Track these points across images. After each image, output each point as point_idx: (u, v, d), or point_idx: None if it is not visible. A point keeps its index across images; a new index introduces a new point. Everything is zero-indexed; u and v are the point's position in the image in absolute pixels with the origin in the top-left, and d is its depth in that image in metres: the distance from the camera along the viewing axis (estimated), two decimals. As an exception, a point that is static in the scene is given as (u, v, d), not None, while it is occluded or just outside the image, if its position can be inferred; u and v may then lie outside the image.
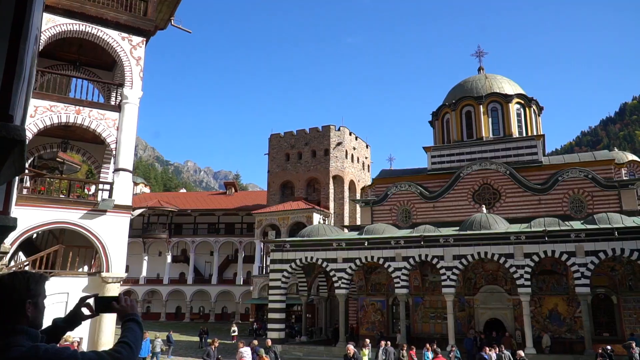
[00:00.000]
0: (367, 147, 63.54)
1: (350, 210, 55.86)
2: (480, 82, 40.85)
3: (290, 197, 55.45)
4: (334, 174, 54.41)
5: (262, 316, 46.81)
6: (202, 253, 61.94)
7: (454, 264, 28.78)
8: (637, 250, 25.43)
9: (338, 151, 55.25)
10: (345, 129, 56.81)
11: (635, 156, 45.70)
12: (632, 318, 29.28)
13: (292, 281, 40.11)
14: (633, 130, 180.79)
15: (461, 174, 35.95)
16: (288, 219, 49.66)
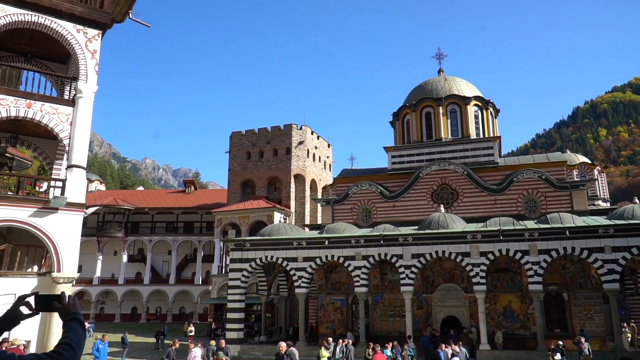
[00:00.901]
0: (328, 146, 63.71)
1: (312, 209, 55.89)
2: (440, 84, 41.57)
3: (251, 195, 55.00)
4: (295, 173, 54.31)
5: (220, 316, 46.22)
6: (160, 252, 60.65)
7: (412, 263, 29.16)
8: (587, 249, 26.41)
9: (300, 150, 55.16)
10: (307, 127, 56.78)
11: (587, 158, 47.63)
12: (581, 314, 30.42)
13: (252, 280, 39.79)
14: (585, 133, 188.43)
15: (420, 174, 36.49)
16: (249, 218, 49.23)
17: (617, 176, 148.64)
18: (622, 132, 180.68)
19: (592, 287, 30.38)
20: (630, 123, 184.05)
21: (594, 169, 45.40)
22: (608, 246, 26.14)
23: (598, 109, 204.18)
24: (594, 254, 26.23)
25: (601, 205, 41.11)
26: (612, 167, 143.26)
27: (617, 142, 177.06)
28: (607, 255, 26.05)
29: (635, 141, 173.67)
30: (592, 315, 30.25)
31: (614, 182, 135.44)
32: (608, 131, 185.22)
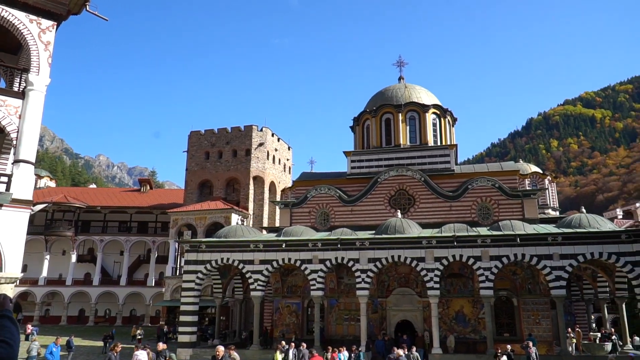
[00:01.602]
0: (289, 149, 63.54)
1: (270, 212, 55.55)
2: (400, 91, 42.13)
3: (208, 196, 54.17)
4: (254, 175, 53.87)
5: (173, 319, 45.21)
6: (112, 253, 58.91)
7: (369, 267, 29.37)
8: (536, 256, 27.28)
9: (260, 152, 54.76)
10: (268, 129, 56.46)
11: (538, 168, 49.23)
12: (530, 319, 31.41)
13: (207, 283, 39.14)
14: (537, 144, 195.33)
15: (379, 179, 36.83)
16: (205, 219, 48.44)
17: (567, 186, 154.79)
18: (572, 144, 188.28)
19: (541, 293, 31.44)
20: (580, 135, 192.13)
21: (544, 178, 46.98)
22: (556, 253, 27.09)
23: (550, 121, 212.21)
24: (542, 261, 27.11)
25: (551, 214, 42.58)
26: (562, 177, 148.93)
27: (568, 153, 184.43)
28: (555, 262, 26.99)
29: (584, 153, 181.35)
30: (539, 320, 31.26)
31: (564, 191, 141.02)
32: (559, 142, 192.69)
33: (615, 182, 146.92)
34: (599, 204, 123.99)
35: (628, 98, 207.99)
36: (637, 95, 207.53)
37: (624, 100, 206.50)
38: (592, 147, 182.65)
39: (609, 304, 34.74)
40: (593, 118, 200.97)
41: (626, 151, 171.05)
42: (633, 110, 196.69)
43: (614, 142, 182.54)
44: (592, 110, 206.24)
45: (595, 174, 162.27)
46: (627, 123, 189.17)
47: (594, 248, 26.82)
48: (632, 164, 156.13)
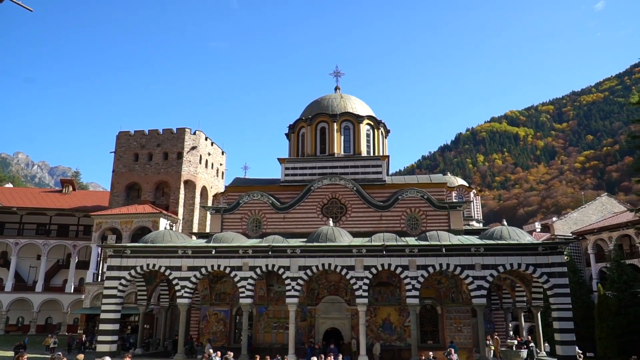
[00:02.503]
0: (222, 153, 62.52)
1: (200, 217, 54.31)
2: (336, 100, 42.59)
3: (136, 199, 52.19)
4: (185, 179, 52.51)
5: (93, 327, 42.95)
6: (27, 257, 55.26)
7: (299, 275, 29.28)
8: (460, 266, 28.27)
9: (192, 155, 53.49)
10: (201, 133, 55.31)
11: (465, 181, 51.28)
12: (452, 327, 32.54)
13: (131, 290, 37.60)
14: (465, 158, 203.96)
15: (312, 187, 36.94)
16: (131, 223, 46.55)
17: (491, 199, 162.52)
18: (497, 159, 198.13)
19: (463, 302, 32.65)
20: (505, 151, 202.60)
21: (470, 191, 48.98)
22: (478, 264, 28.20)
23: (477, 137, 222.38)
24: (465, 271, 28.14)
25: (475, 226, 44.39)
26: (486, 191, 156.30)
27: (492, 168, 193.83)
28: (477, 272, 28.08)
29: (507, 168, 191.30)
30: (461, 328, 32.45)
31: (488, 204, 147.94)
32: (485, 157, 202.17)
33: (535, 197, 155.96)
34: (519, 218, 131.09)
35: (549, 118, 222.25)
36: (557, 116, 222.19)
37: (546, 120, 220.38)
38: (515, 163, 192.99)
39: (526, 312, 36.55)
40: (517, 135, 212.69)
41: (546, 168, 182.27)
42: (553, 130, 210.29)
43: (535, 159, 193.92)
44: (516, 128, 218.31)
45: (517, 188, 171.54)
46: (547, 142, 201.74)
47: (513, 259, 28.16)
48: (551, 180, 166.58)
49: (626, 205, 63.76)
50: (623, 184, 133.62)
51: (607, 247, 56.09)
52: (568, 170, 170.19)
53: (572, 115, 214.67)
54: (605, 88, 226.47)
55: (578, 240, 60.98)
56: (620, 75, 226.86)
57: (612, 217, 61.65)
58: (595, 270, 58.08)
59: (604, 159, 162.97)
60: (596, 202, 69.51)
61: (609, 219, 61.20)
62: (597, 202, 69.35)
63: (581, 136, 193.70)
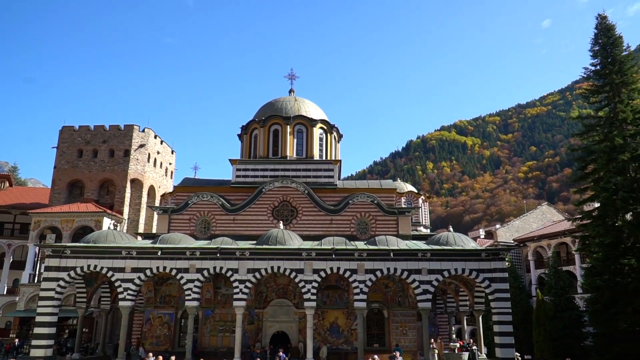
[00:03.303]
0: (172, 152, 61.18)
1: (147, 217, 52.87)
2: (290, 103, 42.53)
3: (78, 197, 50.23)
4: (132, 177, 51.01)
5: (27, 331, 40.88)
6: (-43, 255, 52.03)
7: (247, 277, 28.96)
8: (407, 270, 28.76)
9: (140, 153, 52.04)
10: (151, 130, 53.92)
11: (414, 188, 52.31)
12: (398, 330, 33.09)
13: (70, 291, 36.09)
14: (415, 165, 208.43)
15: (263, 189, 36.67)
16: (73, 222, 44.72)
17: (439, 206, 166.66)
18: (446, 167, 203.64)
19: (409, 306, 33.28)
20: (453, 159, 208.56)
21: (419, 197, 50.04)
22: (425, 268, 28.78)
23: (428, 144, 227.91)
24: (412, 275, 28.65)
25: (422, 231, 45.33)
26: (434, 198, 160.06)
27: (441, 175, 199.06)
28: (423, 276, 28.65)
29: (455, 176, 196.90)
30: (406, 332, 33.04)
31: (435, 211, 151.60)
32: (434, 165, 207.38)
33: (480, 204, 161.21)
34: (465, 224, 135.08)
35: (495, 129, 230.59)
36: (503, 127, 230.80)
37: (492, 131, 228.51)
38: (462, 171, 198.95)
39: (469, 316, 37.61)
40: (465, 145, 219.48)
41: (491, 177, 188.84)
42: (499, 140, 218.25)
43: (481, 168, 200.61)
44: (464, 138, 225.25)
45: (464, 196, 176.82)
46: (493, 151, 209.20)
47: (458, 264, 28.92)
48: (495, 189, 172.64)
49: (564, 215, 66.91)
50: (562, 194, 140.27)
51: (546, 254, 58.55)
52: (512, 180, 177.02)
53: (517, 127, 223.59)
54: (548, 102, 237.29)
55: (519, 247, 63.38)
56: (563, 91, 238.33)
57: (551, 226, 64.50)
58: (535, 276, 60.54)
59: (545, 169, 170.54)
60: (537, 210, 72.57)
61: (548, 227, 63.99)
62: (538, 210, 72.41)
63: (525, 147, 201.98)
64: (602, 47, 35.97)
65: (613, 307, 31.02)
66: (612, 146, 33.13)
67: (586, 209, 36.80)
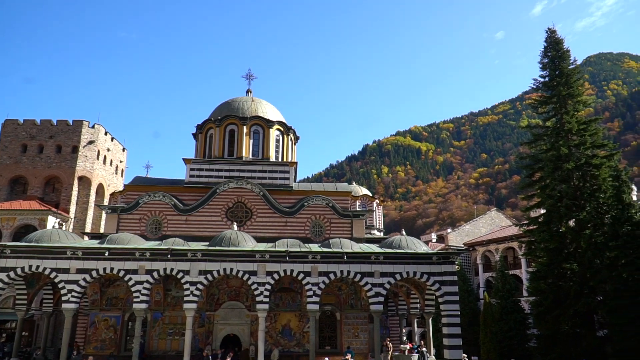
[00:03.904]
0: (123, 150, 59.43)
1: (95, 217, 51.11)
2: (247, 103, 42.11)
3: (21, 195, 48.02)
4: (80, 175, 49.21)
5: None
6: None
7: (199, 279, 28.39)
8: (360, 273, 28.94)
9: (89, 150, 50.28)
10: (101, 127, 52.20)
11: (369, 191, 52.89)
12: (350, 332, 33.26)
13: (9, 293, 34.40)
14: (370, 168, 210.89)
15: (218, 190, 36.11)
16: (14, 220, 42.65)
17: (393, 210, 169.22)
18: (400, 172, 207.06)
19: (361, 308, 33.53)
20: (407, 164, 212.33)
21: (373, 201, 50.62)
22: (377, 271, 29.04)
23: (383, 149, 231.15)
24: (365, 278, 28.86)
25: (376, 235, 45.87)
26: (389, 201, 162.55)
27: (396, 179, 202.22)
28: (375, 279, 28.90)
29: (409, 181, 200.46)
30: (358, 334, 33.26)
31: (389, 214, 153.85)
32: (389, 169, 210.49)
33: (433, 209, 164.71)
34: (418, 228, 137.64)
35: (449, 135, 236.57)
36: (456, 134, 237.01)
37: (446, 137, 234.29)
38: (416, 176, 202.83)
39: (419, 318, 38.22)
40: (419, 150, 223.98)
41: (444, 182, 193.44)
42: (452, 146, 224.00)
43: (434, 173, 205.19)
44: (419, 143, 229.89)
45: (417, 200, 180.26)
46: (446, 157, 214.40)
47: (410, 267, 29.34)
48: (448, 194, 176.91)
49: (512, 220, 69.20)
50: (511, 200, 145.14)
51: (494, 258, 60.39)
52: (463, 186, 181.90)
53: (470, 134, 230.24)
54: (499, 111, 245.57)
55: (469, 251, 65.10)
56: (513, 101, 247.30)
57: (499, 231, 66.60)
58: (483, 279, 62.32)
59: (495, 176, 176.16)
60: (486, 216, 74.82)
61: (496, 232, 66.05)
62: (487, 216, 74.66)
63: (476, 154, 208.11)
64: (551, 60, 37.45)
65: (556, 310, 32.27)
66: (558, 155, 34.51)
67: (532, 215, 38.12)
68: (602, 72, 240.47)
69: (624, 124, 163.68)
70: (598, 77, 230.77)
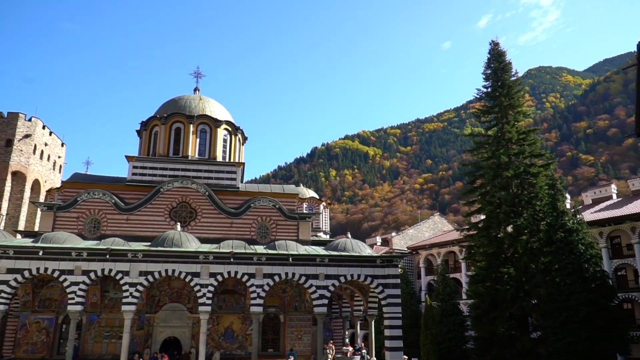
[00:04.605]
0: (62, 145, 56.95)
1: (29, 214, 48.68)
2: (194, 101, 41.29)
3: (-52, 189, 45.03)
4: (14, 170, 46.73)
5: None
6: None
7: (139, 281, 27.60)
8: (305, 275, 29.00)
9: (25, 144, 47.83)
10: (39, 120, 49.80)
11: (316, 194, 53.07)
12: (293, 335, 33.23)
13: None
14: (318, 171, 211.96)
15: (161, 189, 35.20)
16: (-61, 216, 39.98)
17: (339, 212, 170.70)
18: (348, 175, 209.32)
19: (305, 310, 33.58)
20: (355, 168, 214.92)
21: (320, 204, 50.85)
22: (322, 273, 29.19)
23: (332, 152, 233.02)
24: (310, 280, 28.94)
25: (322, 237, 46.07)
26: (336, 204, 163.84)
27: (343, 183, 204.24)
28: (320, 281, 29.04)
29: (356, 184, 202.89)
30: (302, 336, 33.27)
31: (336, 217, 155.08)
32: (337, 172, 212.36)
33: (378, 213, 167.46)
34: (364, 231, 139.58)
35: (396, 141, 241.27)
36: (403, 140, 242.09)
37: (393, 143, 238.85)
38: (363, 180, 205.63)
39: (362, 321, 38.70)
40: (367, 154, 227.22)
41: (390, 187, 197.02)
42: (399, 152, 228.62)
43: (381, 177, 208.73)
44: (367, 147, 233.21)
45: (364, 204, 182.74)
46: (393, 162, 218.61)
47: (354, 270, 29.67)
48: (393, 198, 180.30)
49: (454, 225, 71.41)
50: (453, 206, 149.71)
51: (436, 261, 62.06)
52: (409, 190, 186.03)
53: (416, 140, 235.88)
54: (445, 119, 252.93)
55: (412, 255, 66.61)
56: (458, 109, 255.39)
57: (441, 235, 68.55)
58: (425, 282, 63.90)
59: (439, 182, 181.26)
60: (430, 220, 76.78)
61: (439, 237, 67.94)
62: (431, 220, 76.64)
63: (422, 160, 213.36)
64: (494, 72, 38.97)
65: (493, 313, 33.52)
66: (498, 163, 35.93)
67: (473, 220, 39.47)
68: (542, 85, 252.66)
69: (560, 135, 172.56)
70: (538, 90, 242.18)
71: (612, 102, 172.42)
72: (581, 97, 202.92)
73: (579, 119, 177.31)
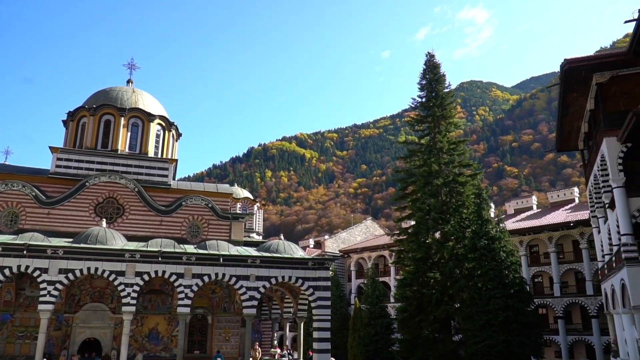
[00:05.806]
0: (-21, 132, 52.99)
1: (-63, 204, 44.89)
2: (127, 94, 39.76)
3: None
4: None
5: None
6: None
7: (59, 279, 26.16)
8: (235, 276, 28.63)
9: None
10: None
11: (250, 194, 52.60)
12: (221, 336, 32.73)
13: None
14: (254, 171, 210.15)
15: (87, 183, 33.62)
16: None
17: (274, 214, 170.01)
18: (284, 177, 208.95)
19: (234, 312, 33.17)
20: (291, 170, 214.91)
21: (254, 204, 50.46)
22: (253, 275, 28.94)
23: (268, 153, 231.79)
24: (240, 281, 28.60)
25: (255, 238, 45.70)
26: (270, 206, 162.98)
27: (279, 184, 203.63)
28: (251, 283, 28.77)
29: (292, 186, 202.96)
30: (229, 338, 32.84)
31: (270, 218, 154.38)
32: (273, 173, 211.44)
33: (312, 215, 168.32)
34: (297, 233, 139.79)
35: (333, 145, 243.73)
36: (339, 144, 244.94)
37: (329, 146, 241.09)
38: (299, 182, 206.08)
39: (292, 323, 38.81)
40: (303, 157, 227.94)
41: (325, 190, 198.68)
42: (335, 156, 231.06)
43: (317, 180, 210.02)
44: (303, 150, 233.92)
45: (299, 206, 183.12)
46: (329, 166, 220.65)
47: (285, 272, 29.63)
48: (328, 201, 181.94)
49: (385, 230, 73.11)
50: (386, 211, 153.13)
51: (366, 265, 63.26)
52: (343, 194, 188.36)
53: (352, 145, 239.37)
54: (380, 125, 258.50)
55: (344, 258, 67.52)
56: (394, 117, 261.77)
57: (373, 239, 69.96)
58: (355, 285, 64.96)
59: (373, 187, 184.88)
60: (362, 224, 78.20)
61: (370, 241, 69.30)
62: (363, 225, 78.07)
63: (357, 165, 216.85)
64: (429, 82, 40.33)
65: (418, 316, 34.63)
66: (429, 171, 37.18)
67: (404, 226, 40.59)
68: (473, 98, 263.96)
69: (488, 147, 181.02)
70: (469, 103, 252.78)
71: (537, 118, 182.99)
72: (508, 112, 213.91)
73: (505, 132, 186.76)
